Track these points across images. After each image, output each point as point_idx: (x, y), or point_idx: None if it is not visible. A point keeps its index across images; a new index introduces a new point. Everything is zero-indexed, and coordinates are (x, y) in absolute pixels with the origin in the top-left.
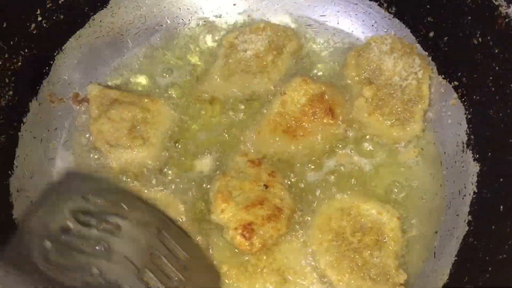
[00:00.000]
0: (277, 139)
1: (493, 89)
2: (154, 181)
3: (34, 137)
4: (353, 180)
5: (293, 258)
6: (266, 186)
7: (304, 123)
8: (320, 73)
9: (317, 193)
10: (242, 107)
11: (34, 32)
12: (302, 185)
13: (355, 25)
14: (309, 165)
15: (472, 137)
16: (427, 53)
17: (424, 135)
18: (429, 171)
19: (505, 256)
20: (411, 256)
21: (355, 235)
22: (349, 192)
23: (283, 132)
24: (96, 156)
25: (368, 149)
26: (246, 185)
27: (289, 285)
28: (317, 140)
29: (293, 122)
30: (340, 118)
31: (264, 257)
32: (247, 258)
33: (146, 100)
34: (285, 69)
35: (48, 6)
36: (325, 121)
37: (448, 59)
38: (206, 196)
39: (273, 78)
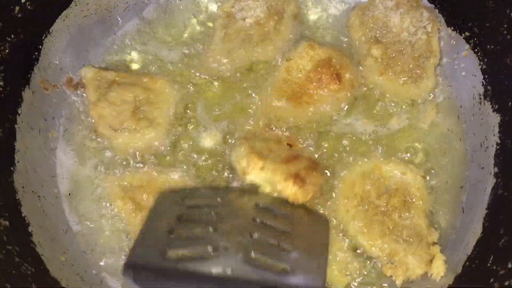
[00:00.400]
0: (283, 106)
1: (508, 36)
2: (168, 159)
3: (32, 128)
4: (370, 143)
5: None
6: (290, 145)
7: (310, 90)
8: (324, 37)
9: (334, 158)
10: (245, 76)
11: (19, 15)
12: (316, 155)
13: None
14: (320, 130)
15: (489, 87)
16: (433, 5)
17: (439, 90)
18: (447, 127)
19: None
20: (440, 214)
21: (381, 198)
22: (369, 156)
23: (288, 99)
24: (99, 140)
25: (382, 111)
26: (272, 146)
27: None
28: (324, 107)
29: (299, 89)
30: (348, 84)
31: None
32: None
33: (145, 79)
34: (288, 35)
35: None
36: (331, 87)
37: (457, 9)
38: (226, 165)
39: (277, 46)
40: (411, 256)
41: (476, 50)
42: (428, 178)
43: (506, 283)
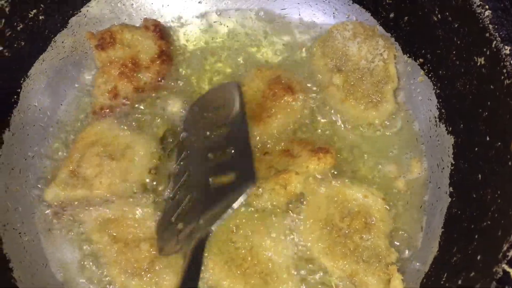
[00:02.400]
0: None
1: (457, 62)
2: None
3: (12, 169)
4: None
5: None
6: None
7: (267, 105)
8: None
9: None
10: None
11: None
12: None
13: (317, 15)
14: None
15: (443, 111)
16: (389, 34)
17: (397, 114)
18: (406, 149)
19: (489, 222)
20: (400, 233)
21: (344, 221)
22: (334, 179)
23: (249, 119)
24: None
25: (345, 134)
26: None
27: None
28: (284, 118)
29: (257, 108)
30: (300, 94)
31: (249, 258)
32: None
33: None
34: None
35: (7, 34)
36: (286, 98)
37: (411, 37)
38: None
39: None
40: (370, 276)
41: (430, 75)
42: (388, 200)
43: None
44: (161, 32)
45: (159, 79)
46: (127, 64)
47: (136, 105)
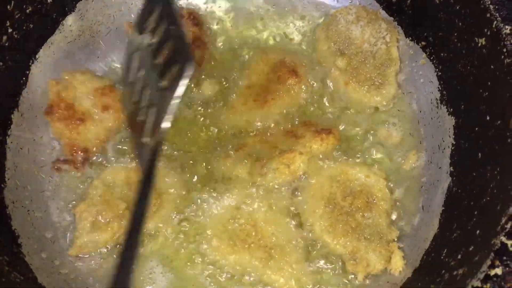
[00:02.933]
0: (249, 109)
1: (458, 44)
2: None
3: (21, 148)
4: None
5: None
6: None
7: (272, 88)
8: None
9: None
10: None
11: (7, 44)
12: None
13: (320, 1)
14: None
15: (444, 92)
16: (392, 18)
17: (400, 96)
18: (408, 131)
19: (488, 198)
20: (401, 213)
21: (346, 200)
22: (338, 160)
23: (254, 101)
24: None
25: (348, 117)
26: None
27: (274, 262)
28: (288, 101)
29: (262, 90)
30: (305, 77)
31: (253, 233)
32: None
33: None
34: None
35: (17, 16)
36: (290, 81)
37: (413, 21)
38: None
39: None
40: (371, 253)
41: (431, 58)
42: (390, 180)
43: (454, 273)
44: (195, 19)
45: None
46: None
47: None
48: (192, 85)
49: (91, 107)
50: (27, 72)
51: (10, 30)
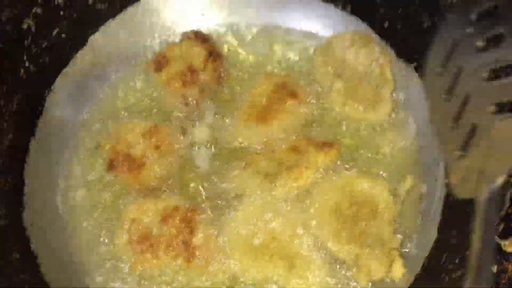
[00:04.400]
0: (251, 126)
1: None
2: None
3: (37, 174)
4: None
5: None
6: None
7: (273, 108)
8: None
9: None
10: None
11: (24, 76)
12: None
13: (317, 27)
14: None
15: None
16: (385, 41)
17: (396, 115)
18: (405, 146)
19: None
20: (403, 222)
21: (351, 209)
22: (342, 172)
23: (256, 120)
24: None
25: (348, 132)
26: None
27: (296, 270)
28: (289, 120)
29: (263, 110)
30: (304, 98)
31: (272, 245)
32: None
33: None
34: None
35: (33, 50)
36: (290, 102)
37: (404, 44)
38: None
39: None
40: (374, 260)
41: (423, 77)
42: (393, 191)
43: (453, 275)
44: (202, 37)
45: (217, 76)
46: (186, 73)
47: None
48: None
49: (145, 150)
50: (43, 102)
51: (27, 64)
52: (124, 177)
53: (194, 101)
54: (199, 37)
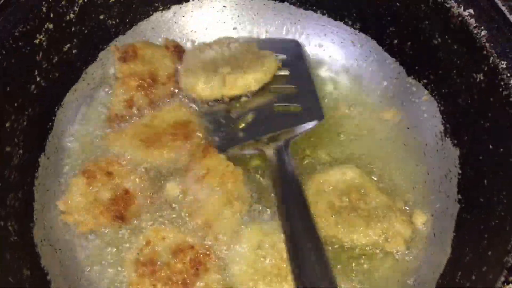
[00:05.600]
0: (135, 144)
1: (458, 80)
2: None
3: (47, 190)
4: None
5: None
6: None
7: (162, 139)
8: None
9: None
10: None
11: (35, 92)
12: None
13: (326, 45)
14: None
15: (447, 125)
16: (394, 58)
17: (405, 131)
18: (414, 163)
19: (497, 221)
20: (416, 239)
21: (342, 200)
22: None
23: (140, 140)
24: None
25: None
26: None
27: None
28: (168, 156)
29: (153, 135)
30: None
31: (284, 265)
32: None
33: None
34: None
35: (44, 66)
36: (178, 142)
37: (414, 61)
38: None
39: None
40: (397, 224)
41: (433, 94)
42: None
43: None
44: (179, 53)
45: (172, 95)
46: (145, 78)
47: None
48: None
49: None
50: (53, 117)
51: (38, 79)
52: None
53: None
54: (176, 51)
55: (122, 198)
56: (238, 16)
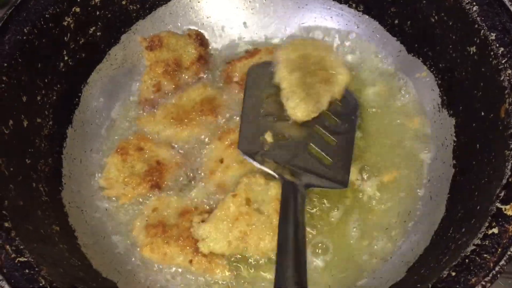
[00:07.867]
0: (166, 123)
1: (453, 55)
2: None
3: (74, 159)
4: None
5: None
6: None
7: (191, 116)
8: None
9: None
10: None
11: (63, 70)
12: None
13: (332, 26)
14: None
15: (444, 98)
16: (395, 38)
17: (407, 105)
18: (414, 133)
19: (486, 179)
20: (414, 201)
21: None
22: None
23: (172, 119)
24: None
25: None
26: None
27: None
28: (198, 131)
29: (182, 113)
30: (220, 117)
31: None
32: None
33: None
34: None
35: (71, 46)
36: (206, 117)
37: (414, 39)
38: None
39: None
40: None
41: (432, 69)
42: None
43: (459, 242)
44: (201, 40)
45: (197, 78)
46: (171, 64)
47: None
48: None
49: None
50: (80, 94)
51: (66, 58)
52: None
53: (163, 92)
54: (198, 38)
55: (156, 168)
56: (250, 1)
